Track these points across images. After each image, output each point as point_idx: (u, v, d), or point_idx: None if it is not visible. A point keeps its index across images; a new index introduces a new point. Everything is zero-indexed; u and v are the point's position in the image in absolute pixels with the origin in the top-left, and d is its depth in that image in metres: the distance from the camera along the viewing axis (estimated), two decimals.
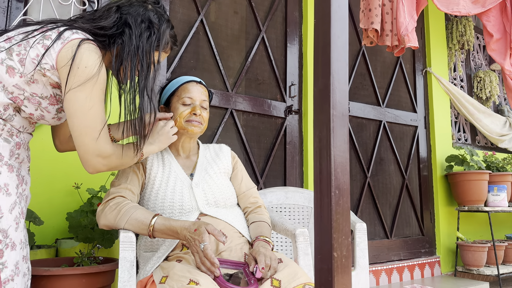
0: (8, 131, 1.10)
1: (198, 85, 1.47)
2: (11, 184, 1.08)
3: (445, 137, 3.64)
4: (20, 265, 1.10)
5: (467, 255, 3.21)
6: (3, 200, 1.05)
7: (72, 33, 1.11)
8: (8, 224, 1.05)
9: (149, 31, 1.21)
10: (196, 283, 1.04)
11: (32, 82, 1.09)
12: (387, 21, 2.42)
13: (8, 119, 1.09)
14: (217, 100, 2.50)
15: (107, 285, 1.61)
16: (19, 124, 1.13)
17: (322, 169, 0.65)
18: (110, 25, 1.19)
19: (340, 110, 0.67)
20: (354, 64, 3.23)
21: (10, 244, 1.06)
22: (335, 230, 0.63)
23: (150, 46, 1.21)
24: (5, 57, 1.07)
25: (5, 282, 1.04)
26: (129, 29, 1.18)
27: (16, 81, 1.07)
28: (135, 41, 1.18)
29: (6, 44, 1.09)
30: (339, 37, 0.67)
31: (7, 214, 1.05)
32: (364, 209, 3.15)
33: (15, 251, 1.08)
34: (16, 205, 1.10)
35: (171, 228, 1.20)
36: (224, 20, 2.66)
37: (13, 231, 1.07)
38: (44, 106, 1.14)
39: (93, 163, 1.17)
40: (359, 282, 1.69)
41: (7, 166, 1.08)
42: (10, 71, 1.07)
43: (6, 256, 1.04)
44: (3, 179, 1.06)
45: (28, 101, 1.11)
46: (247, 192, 1.54)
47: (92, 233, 1.63)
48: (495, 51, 2.83)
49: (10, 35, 1.12)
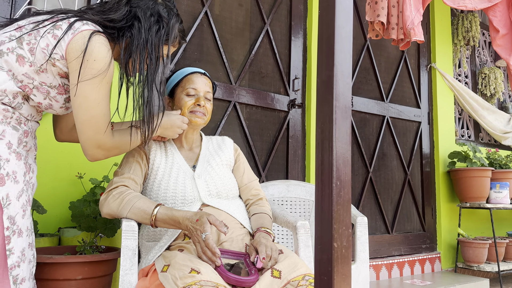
0: (16, 119, 1.11)
1: (202, 77, 1.48)
2: (19, 172, 1.09)
3: (448, 134, 3.63)
4: (26, 252, 1.12)
5: (468, 252, 3.21)
6: (11, 187, 1.06)
7: (82, 24, 1.11)
8: (15, 211, 1.07)
9: (158, 24, 1.22)
10: (197, 272, 1.05)
11: (41, 72, 1.10)
12: (393, 14, 2.40)
13: (17, 107, 1.11)
14: (220, 92, 2.50)
15: (109, 273, 1.63)
16: (27, 112, 1.15)
17: (323, 160, 0.66)
18: (119, 18, 1.19)
19: (343, 102, 0.67)
20: (359, 58, 3.22)
21: (17, 231, 1.07)
22: (336, 220, 0.64)
23: (159, 40, 1.22)
24: (16, 46, 1.08)
25: (11, 268, 1.05)
26: (139, 22, 1.19)
27: (26, 70, 1.08)
28: (144, 35, 1.19)
29: (17, 33, 1.10)
30: (343, 28, 0.67)
31: (14, 201, 1.07)
32: (366, 204, 3.16)
33: (22, 238, 1.09)
34: (24, 193, 1.11)
35: (173, 218, 1.21)
36: (228, 12, 2.65)
37: (20, 218, 1.09)
38: (52, 96, 1.15)
39: (93, 153, 1.20)
40: (359, 276, 1.70)
41: (15, 154, 1.09)
42: (20, 60, 1.08)
43: (13, 242, 1.06)
44: (11, 167, 1.07)
45: (37, 90, 1.12)
46: (249, 184, 1.55)
47: (94, 222, 1.65)
48: (501, 47, 2.81)
49: (21, 24, 1.13)
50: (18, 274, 1.07)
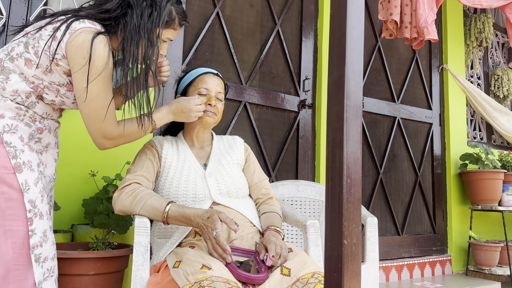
0: (30, 117, 1.19)
1: (215, 77, 1.50)
2: (33, 162, 1.17)
3: (460, 135, 3.60)
4: (48, 234, 1.18)
5: (479, 255, 3.18)
6: (28, 174, 1.14)
7: (79, 23, 1.17)
8: (35, 196, 1.14)
9: (150, 9, 1.25)
10: (208, 268, 1.06)
11: (48, 72, 1.17)
12: (406, 13, 2.39)
13: (30, 106, 1.18)
14: (231, 92, 2.52)
15: (121, 270, 1.65)
16: (42, 111, 1.22)
17: (334, 158, 0.66)
18: (114, 7, 1.23)
19: (354, 101, 0.68)
20: (370, 59, 3.21)
21: (38, 213, 1.15)
22: (346, 218, 0.64)
23: (152, 23, 1.24)
24: (23, 51, 1.16)
25: (33, 247, 1.12)
26: (131, 9, 1.23)
27: (34, 72, 1.16)
28: (135, 20, 1.22)
29: (24, 38, 1.18)
30: (355, 28, 0.68)
31: (33, 187, 1.14)
32: (376, 205, 3.15)
33: (43, 220, 1.16)
34: (39, 180, 1.18)
35: (185, 215, 1.23)
36: (239, 13, 2.67)
37: (39, 202, 1.16)
38: (62, 93, 1.22)
39: (100, 142, 1.28)
40: (369, 276, 1.69)
41: (28, 146, 1.18)
42: (28, 63, 1.15)
43: (35, 224, 1.13)
44: (26, 156, 1.15)
45: (48, 89, 1.19)
46: (259, 184, 1.56)
47: (107, 219, 1.67)
48: None
49: (27, 30, 1.21)
50: (40, 253, 1.14)
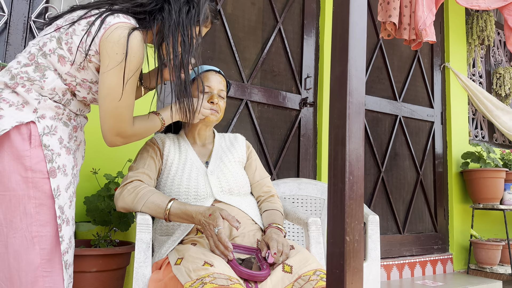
0: (67, 115, 1.17)
1: (217, 75, 1.50)
2: (68, 166, 1.15)
3: (461, 134, 3.59)
4: (72, 240, 1.18)
5: (480, 253, 3.18)
6: (61, 179, 1.12)
7: (113, 18, 1.12)
8: (64, 202, 1.13)
9: (188, 5, 1.22)
10: (210, 264, 1.06)
11: (81, 69, 1.13)
12: (405, 15, 2.39)
13: (66, 103, 1.16)
14: (232, 90, 2.52)
15: (123, 267, 1.66)
16: (76, 108, 1.20)
17: (336, 155, 0.66)
18: (148, 1, 1.19)
19: (356, 97, 0.68)
20: (371, 57, 3.21)
21: (65, 220, 1.14)
22: (348, 215, 0.65)
23: (190, 21, 1.21)
24: (56, 47, 1.12)
25: (63, 253, 1.12)
26: (168, 4, 1.19)
27: (68, 69, 1.12)
28: (174, 17, 1.18)
29: (56, 33, 1.13)
30: (357, 24, 0.68)
31: (63, 192, 1.12)
32: (377, 203, 3.15)
33: (69, 226, 1.15)
34: (71, 185, 1.17)
35: (187, 212, 1.23)
36: (241, 11, 2.67)
37: (67, 209, 1.15)
38: (94, 90, 1.19)
39: (112, 140, 1.23)
40: (370, 274, 1.70)
41: (66, 148, 1.15)
42: (61, 60, 1.12)
43: (64, 230, 1.12)
44: (62, 160, 1.12)
45: (80, 86, 1.16)
46: (261, 181, 1.56)
47: (109, 216, 1.68)
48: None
49: (59, 24, 1.16)
50: (67, 260, 1.14)
